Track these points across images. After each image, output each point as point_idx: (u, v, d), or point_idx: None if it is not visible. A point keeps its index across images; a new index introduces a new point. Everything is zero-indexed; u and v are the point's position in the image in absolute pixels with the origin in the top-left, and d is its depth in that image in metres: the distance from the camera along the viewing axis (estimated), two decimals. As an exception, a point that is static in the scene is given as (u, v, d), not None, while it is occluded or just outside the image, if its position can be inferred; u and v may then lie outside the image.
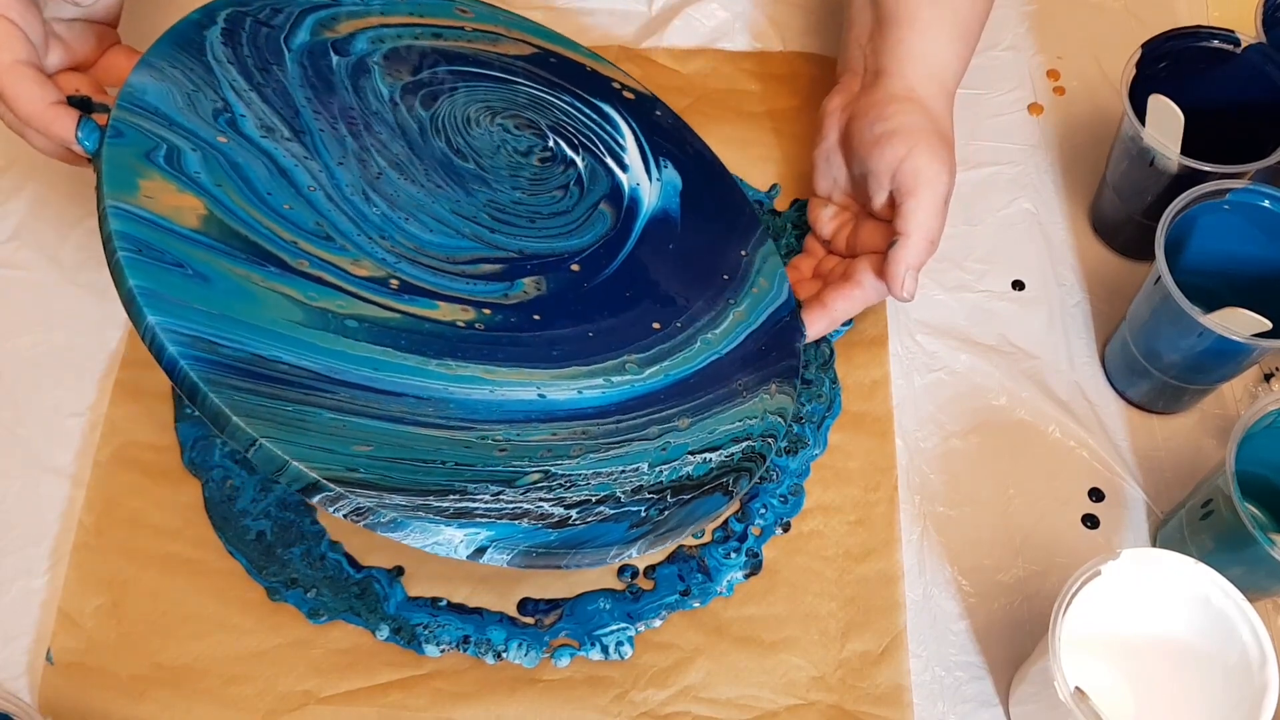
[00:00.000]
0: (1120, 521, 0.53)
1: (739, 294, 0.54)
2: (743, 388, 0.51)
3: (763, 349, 0.52)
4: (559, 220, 0.53)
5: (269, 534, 0.52)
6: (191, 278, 0.42)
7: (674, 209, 0.56)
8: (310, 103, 0.50)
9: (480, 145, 0.54)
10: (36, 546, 0.53)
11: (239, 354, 0.41)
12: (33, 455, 0.55)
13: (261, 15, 0.51)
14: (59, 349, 0.58)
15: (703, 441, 0.48)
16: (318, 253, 0.46)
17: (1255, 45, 0.54)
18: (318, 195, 0.47)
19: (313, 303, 0.44)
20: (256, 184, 0.46)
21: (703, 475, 0.47)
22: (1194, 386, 0.53)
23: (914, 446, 0.55)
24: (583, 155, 0.56)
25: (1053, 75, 0.65)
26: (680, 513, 0.45)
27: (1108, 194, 0.58)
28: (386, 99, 0.53)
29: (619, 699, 0.49)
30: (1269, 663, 0.41)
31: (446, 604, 0.51)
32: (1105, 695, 0.47)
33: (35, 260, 0.61)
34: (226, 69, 0.49)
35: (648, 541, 0.44)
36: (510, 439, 0.45)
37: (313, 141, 0.49)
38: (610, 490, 0.45)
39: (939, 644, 0.50)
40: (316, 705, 0.49)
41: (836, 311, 0.53)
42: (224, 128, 0.47)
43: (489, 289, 0.49)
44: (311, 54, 0.52)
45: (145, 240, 0.41)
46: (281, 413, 0.40)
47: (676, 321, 0.52)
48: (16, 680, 0.51)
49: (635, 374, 0.49)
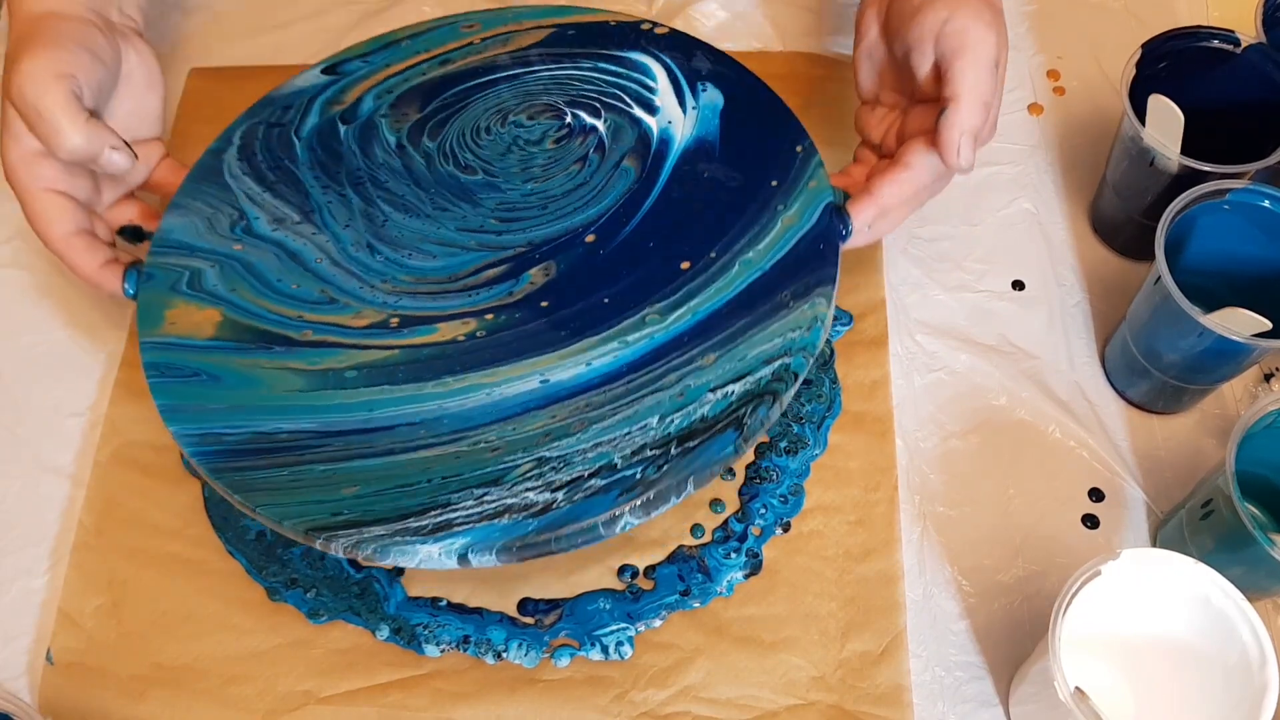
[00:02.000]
0: (1120, 521, 0.53)
1: (790, 197, 0.51)
2: (789, 299, 0.48)
3: (813, 251, 0.49)
4: (575, 195, 0.52)
5: (269, 534, 0.52)
6: (205, 382, 0.47)
7: (713, 133, 0.54)
8: (319, 180, 0.53)
9: (489, 153, 0.54)
10: (36, 546, 0.53)
11: (242, 437, 0.46)
12: (33, 455, 0.56)
13: (273, 119, 0.55)
14: (59, 349, 0.58)
15: (729, 373, 0.46)
16: (320, 319, 0.49)
17: (1255, 45, 0.54)
18: (323, 265, 0.51)
19: (314, 367, 0.48)
20: (267, 276, 0.51)
21: (719, 413, 0.45)
22: (1194, 386, 0.53)
23: (914, 446, 0.55)
24: (605, 117, 0.55)
25: (1053, 75, 0.65)
26: (680, 465, 0.44)
27: (1108, 194, 0.58)
28: (393, 146, 0.54)
29: (619, 699, 0.49)
30: (1269, 663, 0.41)
31: (446, 604, 0.51)
32: (1105, 695, 0.47)
33: (35, 260, 0.61)
34: (241, 181, 0.54)
35: (638, 508, 0.43)
36: (505, 436, 0.45)
37: (320, 217, 0.52)
38: (608, 459, 0.44)
39: (939, 644, 0.50)
40: (316, 705, 0.49)
41: (884, 198, 0.49)
42: (239, 235, 0.52)
43: (493, 293, 0.49)
44: (320, 134, 0.55)
45: (169, 363, 0.48)
46: (277, 478, 0.45)
47: (710, 252, 0.50)
48: (16, 680, 0.51)
49: (656, 324, 0.48)
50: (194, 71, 0.66)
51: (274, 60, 0.67)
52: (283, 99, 0.56)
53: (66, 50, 0.49)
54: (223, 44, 0.68)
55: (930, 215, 0.60)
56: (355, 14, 0.69)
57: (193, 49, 0.68)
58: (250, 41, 0.68)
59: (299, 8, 0.69)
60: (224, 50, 0.68)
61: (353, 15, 0.69)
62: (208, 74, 0.66)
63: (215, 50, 0.68)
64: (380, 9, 0.69)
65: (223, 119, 0.60)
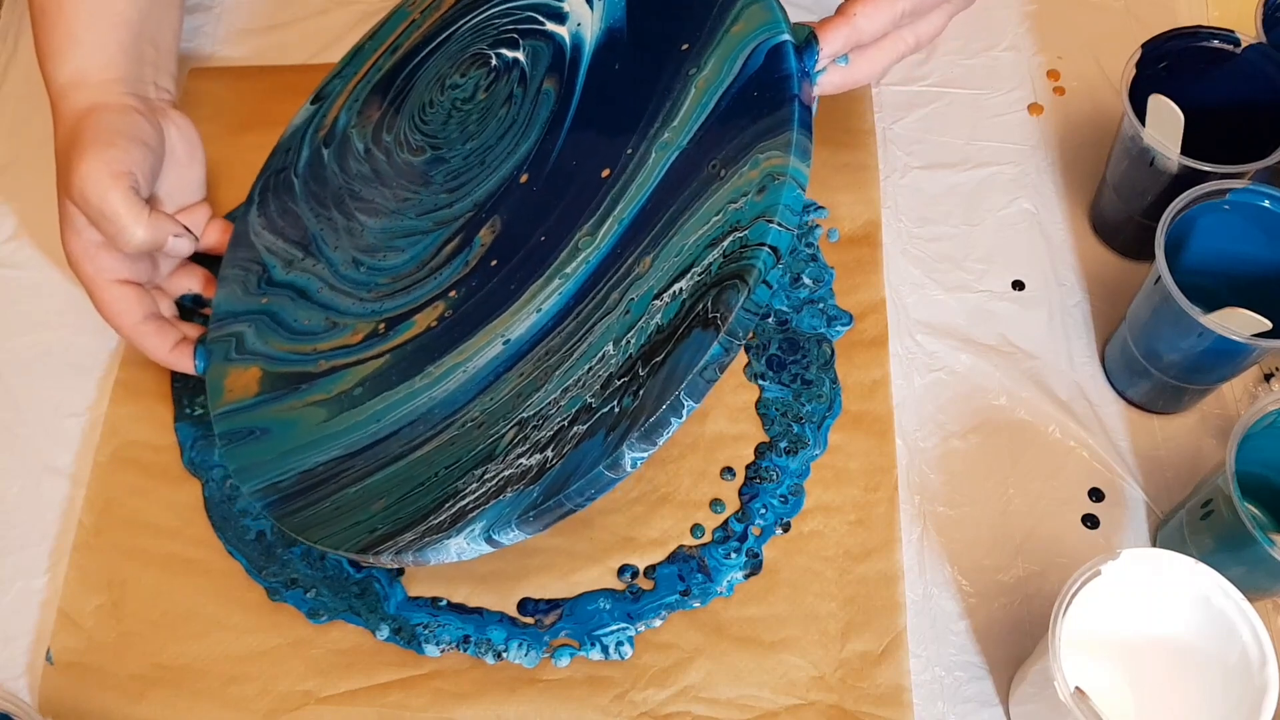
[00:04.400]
0: (1120, 521, 0.53)
1: (704, 55, 0.44)
2: (719, 167, 0.42)
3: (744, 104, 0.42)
4: (508, 138, 0.50)
5: (269, 534, 0.52)
6: (259, 437, 0.50)
7: (619, 20, 0.48)
8: (312, 210, 0.54)
9: (433, 127, 0.53)
10: (36, 546, 0.53)
11: (292, 480, 0.48)
12: (33, 455, 0.56)
13: (279, 164, 0.56)
14: (59, 349, 0.58)
15: (670, 272, 0.41)
16: (328, 346, 0.50)
17: (1255, 45, 0.54)
18: (324, 293, 0.52)
19: (330, 395, 0.49)
20: (288, 320, 0.52)
21: (673, 317, 0.40)
22: (1194, 386, 0.53)
23: (914, 446, 0.55)
24: (523, 45, 0.51)
25: (1053, 75, 0.65)
26: (657, 384, 0.39)
27: (1108, 194, 0.58)
28: (362, 153, 0.54)
29: (619, 699, 0.49)
30: (1269, 663, 0.41)
31: (446, 604, 0.51)
32: (1105, 695, 0.47)
33: (35, 260, 0.61)
34: (262, 236, 0.55)
35: (636, 441, 0.39)
36: (485, 409, 0.44)
37: (316, 247, 0.53)
38: (580, 401, 0.41)
39: (939, 644, 0.50)
40: (316, 705, 0.49)
41: (860, 20, 0.44)
42: (264, 289, 0.53)
43: (453, 269, 0.49)
44: (310, 165, 0.55)
45: (234, 429, 0.51)
46: (322, 511, 0.46)
47: (627, 149, 0.45)
48: (16, 680, 0.51)
49: (590, 246, 0.44)
50: (193, 71, 0.66)
51: (274, 60, 0.67)
52: (285, 143, 0.57)
53: (119, 148, 0.50)
54: (223, 44, 0.68)
55: (930, 215, 0.60)
56: (355, 14, 0.69)
57: (192, 49, 0.68)
58: (250, 41, 0.68)
59: (299, 8, 0.69)
60: (224, 50, 0.68)
61: (353, 15, 0.69)
62: (208, 74, 0.66)
63: (215, 50, 0.68)
64: (381, 8, 0.69)
65: (222, 119, 0.60)
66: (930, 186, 0.61)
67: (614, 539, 0.52)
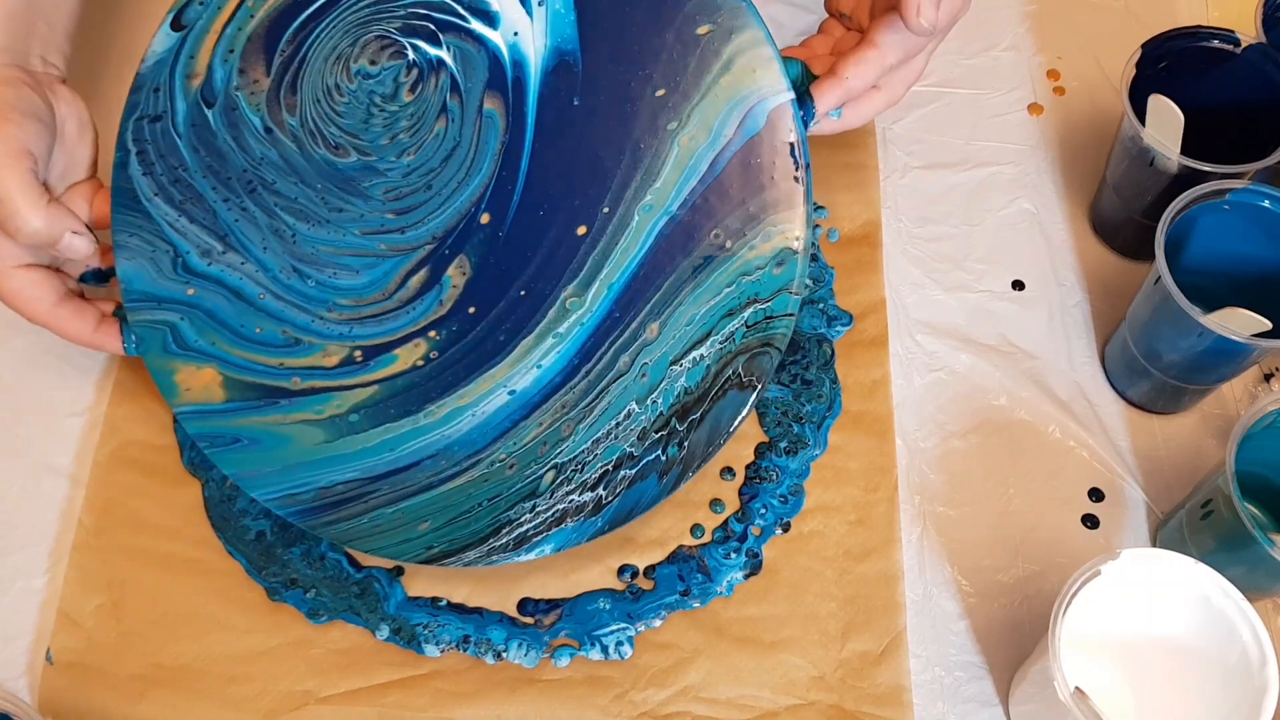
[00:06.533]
0: (1120, 521, 0.53)
1: (685, 108, 0.41)
2: (722, 239, 0.41)
3: (745, 171, 0.41)
4: (454, 163, 0.46)
5: (269, 534, 0.52)
6: (249, 447, 0.48)
7: (569, 41, 0.43)
8: (217, 192, 0.49)
9: (351, 122, 0.48)
10: (36, 546, 0.53)
11: (311, 494, 0.47)
12: (32, 455, 0.55)
13: (150, 110, 0.49)
14: (59, 349, 0.58)
15: (685, 340, 0.42)
16: (297, 363, 0.49)
17: (1255, 45, 0.54)
18: (268, 301, 0.49)
19: (320, 416, 0.48)
20: (228, 320, 0.49)
21: (700, 380, 0.42)
22: (1194, 386, 0.53)
23: (914, 446, 0.55)
24: (445, 42, 0.46)
25: (1053, 75, 0.65)
26: (701, 436, 0.43)
27: (1108, 194, 0.58)
28: (261, 131, 0.48)
29: (619, 699, 0.49)
30: (1269, 663, 0.41)
31: (446, 604, 0.51)
32: (1105, 695, 0.47)
33: (35, 260, 0.61)
34: (156, 205, 0.49)
35: (689, 474, 0.44)
36: (511, 452, 0.47)
37: (237, 240, 0.49)
38: (620, 450, 0.44)
39: (939, 644, 0.50)
40: (316, 705, 0.49)
41: (850, 80, 0.46)
42: (183, 276, 0.49)
43: (425, 306, 0.48)
44: (194, 127, 0.49)
45: (212, 433, 0.48)
46: (361, 526, 0.47)
47: (603, 207, 0.43)
48: (16, 680, 0.51)
49: (579, 309, 0.44)
50: None
51: None
52: (150, 77, 0.49)
53: (14, 124, 0.46)
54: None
55: (930, 215, 0.60)
56: None
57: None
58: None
59: None
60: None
61: None
62: None
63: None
64: None
65: None
66: (930, 186, 0.61)
67: (614, 539, 0.52)
